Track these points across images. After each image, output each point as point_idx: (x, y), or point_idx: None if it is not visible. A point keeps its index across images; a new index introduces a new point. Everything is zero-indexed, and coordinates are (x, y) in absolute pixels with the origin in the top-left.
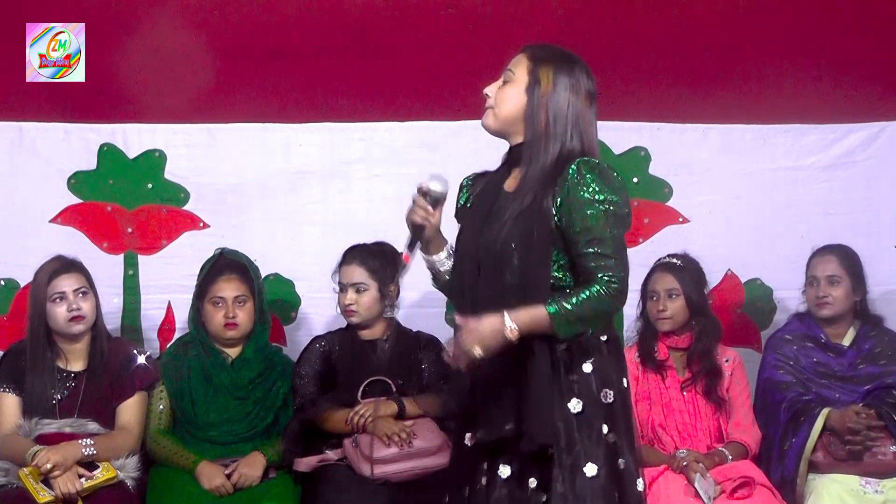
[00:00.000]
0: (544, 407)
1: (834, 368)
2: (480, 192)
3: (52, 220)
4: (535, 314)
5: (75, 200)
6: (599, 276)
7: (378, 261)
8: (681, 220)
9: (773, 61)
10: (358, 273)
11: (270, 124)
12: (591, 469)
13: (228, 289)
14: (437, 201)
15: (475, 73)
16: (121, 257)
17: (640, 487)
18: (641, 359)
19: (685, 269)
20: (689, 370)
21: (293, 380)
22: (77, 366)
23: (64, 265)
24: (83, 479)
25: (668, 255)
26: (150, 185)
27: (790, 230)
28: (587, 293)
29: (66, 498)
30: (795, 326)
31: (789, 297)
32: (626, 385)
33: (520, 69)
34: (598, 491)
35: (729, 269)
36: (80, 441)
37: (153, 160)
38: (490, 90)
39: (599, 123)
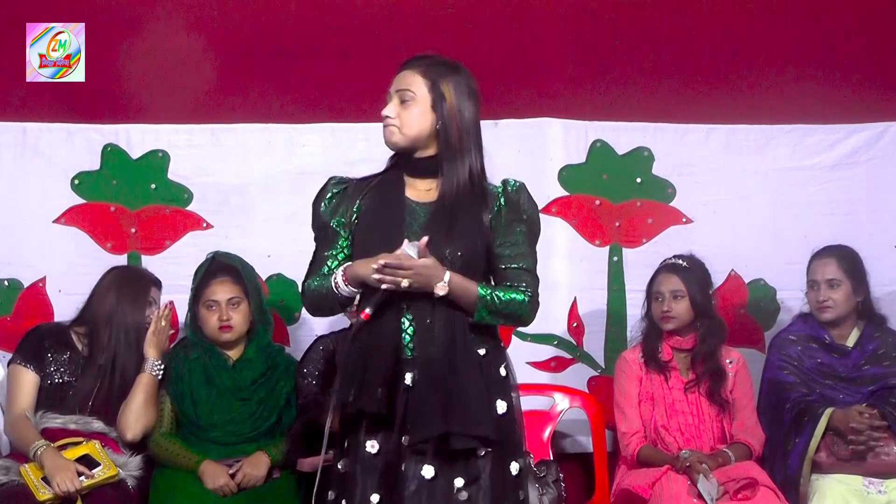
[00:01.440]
0: (477, 407)
1: (838, 369)
2: (377, 199)
3: (56, 221)
4: (468, 287)
5: (79, 201)
6: (524, 289)
7: None
8: (684, 220)
9: (777, 62)
10: None
11: (273, 124)
12: (514, 468)
13: (221, 291)
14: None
15: (476, 73)
16: (124, 258)
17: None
18: (645, 360)
19: (690, 271)
20: (693, 371)
21: (296, 379)
22: (102, 357)
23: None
24: (83, 478)
25: (674, 256)
26: (153, 186)
27: (793, 230)
28: (515, 296)
29: (65, 496)
30: (799, 327)
31: (793, 297)
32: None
33: (418, 87)
34: (515, 488)
35: (732, 270)
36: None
37: (156, 160)
38: (390, 111)
39: (603, 123)
